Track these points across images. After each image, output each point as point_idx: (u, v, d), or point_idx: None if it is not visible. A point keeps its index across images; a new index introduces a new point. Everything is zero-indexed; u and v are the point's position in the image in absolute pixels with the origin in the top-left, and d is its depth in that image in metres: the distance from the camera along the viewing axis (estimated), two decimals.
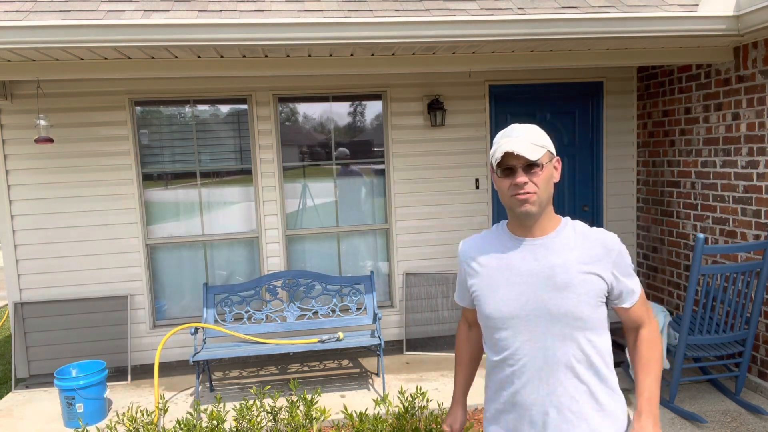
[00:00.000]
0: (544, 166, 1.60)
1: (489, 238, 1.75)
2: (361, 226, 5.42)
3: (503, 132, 1.65)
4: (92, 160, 4.94)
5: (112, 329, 5.04)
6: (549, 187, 1.61)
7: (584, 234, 1.66)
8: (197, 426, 2.96)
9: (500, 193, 1.65)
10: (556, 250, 1.63)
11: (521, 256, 1.65)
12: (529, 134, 1.59)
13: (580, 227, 1.69)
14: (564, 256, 1.61)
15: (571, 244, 1.63)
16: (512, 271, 1.65)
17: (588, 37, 3.94)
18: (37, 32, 3.51)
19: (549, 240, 1.65)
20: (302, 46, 3.80)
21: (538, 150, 1.58)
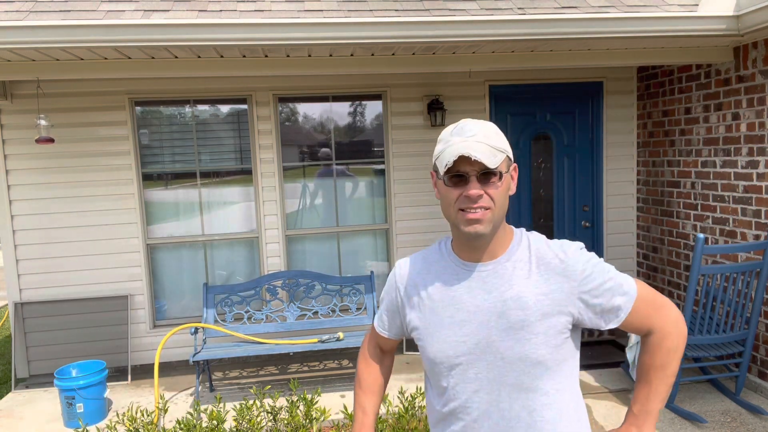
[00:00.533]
0: (503, 176, 1.30)
1: (432, 261, 1.44)
2: (361, 226, 5.42)
3: (452, 129, 1.33)
4: (92, 160, 4.94)
5: (112, 329, 5.04)
6: (505, 202, 1.32)
7: (540, 253, 1.35)
8: (197, 426, 2.96)
9: (444, 205, 1.33)
10: (507, 277, 1.33)
11: (468, 286, 1.35)
12: (487, 134, 1.30)
13: (536, 243, 1.37)
14: (518, 287, 1.32)
15: (525, 269, 1.34)
16: (458, 307, 1.35)
17: (588, 37, 3.94)
18: (37, 32, 3.50)
19: (499, 265, 1.35)
20: (302, 46, 3.80)
21: (498, 155, 1.28)
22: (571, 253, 1.34)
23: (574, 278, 1.31)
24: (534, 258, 1.35)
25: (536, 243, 1.37)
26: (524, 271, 1.34)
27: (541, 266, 1.33)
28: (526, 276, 1.33)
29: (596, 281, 1.32)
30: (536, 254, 1.35)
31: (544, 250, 1.35)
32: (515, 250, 1.37)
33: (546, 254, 1.35)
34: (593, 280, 1.32)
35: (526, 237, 1.40)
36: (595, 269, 1.33)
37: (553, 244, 1.36)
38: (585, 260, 1.33)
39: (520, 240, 1.39)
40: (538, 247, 1.36)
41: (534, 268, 1.33)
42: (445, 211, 1.35)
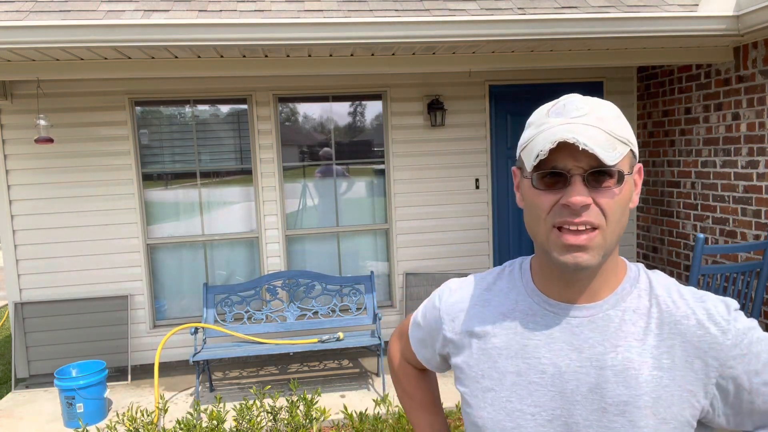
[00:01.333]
0: (625, 179, 0.87)
1: (499, 290, 1.02)
2: (361, 226, 5.42)
3: (550, 107, 0.91)
4: (92, 160, 4.94)
5: (112, 329, 5.04)
6: (624, 219, 0.89)
7: (668, 305, 0.91)
8: (197, 426, 2.96)
9: (530, 218, 0.91)
10: (612, 333, 0.90)
11: (550, 336, 0.93)
12: (602, 116, 0.86)
13: (663, 289, 0.93)
14: (625, 350, 0.89)
15: (640, 325, 0.90)
16: (530, 362, 0.93)
17: (588, 37, 3.94)
18: (37, 32, 3.50)
19: (601, 312, 0.92)
20: (302, 46, 3.80)
21: (618, 147, 0.85)
22: (719, 316, 0.88)
23: (717, 354, 0.87)
24: (656, 311, 0.91)
25: (663, 288, 0.93)
26: (638, 327, 0.90)
27: (667, 326, 0.89)
28: (641, 336, 0.90)
29: (752, 365, 0.86)
30: (661, 305, 0.91)
31: (676, 301, 0.91)
32: (628, 294, 0.93)
33: (677, 309, 0.90)
34: (748, 362, 0.86)
35: (646, 277, 0.95)
36: (754, 347, 0.87)
37: (689, 295, 0.92)
38: (741, 330, 0.87)
39: (637, 279, 0.94)
40: (666, 296, 0.92)
41: (654, 327, 0.90)
42: (530, 226, 0.91)
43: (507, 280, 1.03)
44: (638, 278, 0.95)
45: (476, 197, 5.46)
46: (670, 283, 0.94)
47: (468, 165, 5.41)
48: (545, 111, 0.91)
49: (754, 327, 0.89)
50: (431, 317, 1.09)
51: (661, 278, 0.95)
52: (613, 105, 0.90)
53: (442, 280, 5.47)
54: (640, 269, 0.96)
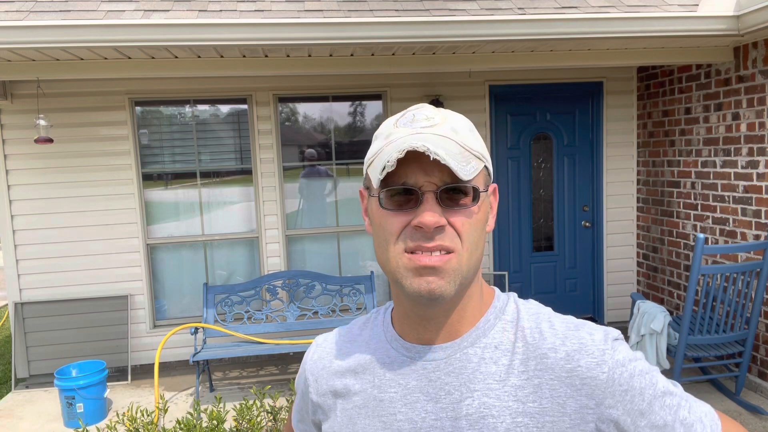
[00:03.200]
0: (480, 197, 0.77)
1: (362, 342, 0.90)
2: (361, 226, 5.42)
3: (397, 118, 0.81)
4: (92, 160, 4.94)
5: (112, 329, 5.04)
6: (481, 243, 0.78)
7: (534, 338, 0.79)
8: (197, 426, 2.96)
9: (379, 243, 0.79)
10: (468, 375, 0.78)
11: (406, 386, 0.81)
12: (455, 127, 0.78)
13: (530, 320, 0.81)
14: (482, 395, 0.77)
15: (502, 363, 0.78)
16: (386, 421, 0.81)
17: (588, 37, 3.94)
18: (37, 32, 3.50)
19: (460, 350, 0.80)
20: (302, 46, 3.80)
21: (472, 162, 0.75)
22: (594, 345, 0.76)
23: (591, 392, 0.74)
24: (522, 345, 0.78)
25: (531, 318, 0.81)
26: (500, 365, 0.78)
27: (533, 362, 0.77)
28: (502, 376, 0.77)
29: (636, 403, 0.74)
30: (527, 338, 0.79)
31: (544, 331, 0.79)
32: (491, 327, 0.81)
33: (544, 340, 0.78)
34: (630, 400, 0.74)
35: (515, 307, 0.83)
36: (636, 381, 0.74)
37: (561, 324, 0.79)
38: (619, 361, 0.75)
39: (503, 310, 0.82)
40: (533, 327, 0.79)
41: (518, 364, 0.77)
42: (379, 254, 0.79)
43: (371, 327, 0.90)
44: (505, 309, 0.82)
45: None
46: (542, 312, 0.82)
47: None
48: (393, 122, 0.81)
49: (638, 359, 0.76)
50: (301, 380, 0.95)
51: (533, 307, 0.83)
52: (464, 118, 0.82)
53: None
54: (510, 299, 0.84)
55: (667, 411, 0.74)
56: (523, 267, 5.70)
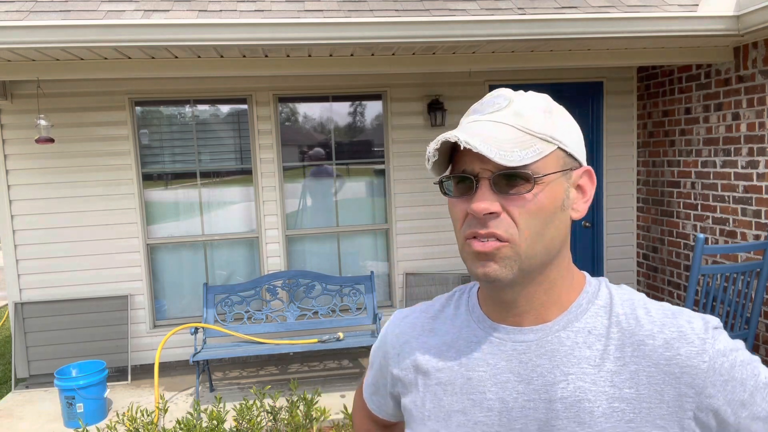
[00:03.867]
0: (545, 183, 0.75)
1: (444, 317, 0.91)
2: (361, 226, 5.42)
3: (476, 103, 0.84)
4: (92, 160, 4.94)
5: (112, 329, 5.04)
6: (549, 230, 0.76)
7: (631, 324, 0.78)
8: (197, 426, 2.96)
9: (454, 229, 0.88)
10: (561, 359, 0.78)
11: (495, 366, 0.81)
12: (521, 109, 0.78)
13: (625, 306, 0.80)
14: (578, 379, 0.77)
15: (596, 349, 0.77)
16: (475, 397, 0.81)
17: (588, 37, 3.94)
18: (37, 32, 3.50)
19: (551, 335, 0.80)
20: (302, 46, 3.80)
21: (535, 145, 0.75)
22: (694, 333, 0.75)
23: (691, 381, 0.73)
24: (617, 330, 0.78)
25: (626, 304, 0.80)
26: (595, 350, 0.77)
27: (629, 348, 0.76)
28: (597, 361, 0.77)
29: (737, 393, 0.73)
30: (622, 324, 0.78)
31: (640, 318, 0.78)
32: (583, 312, 0.80)
33: (641, 327, 0.77)
34: (731, 390, 0.72)
35: (608, 292, 0.82)
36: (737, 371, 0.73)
37: (658, 310, 0.78)
38: (720, 351, 0.74)
39: (596, 295, 0.82)
40: (628, 313, 0.79)
41: (614, 350, 0.77)
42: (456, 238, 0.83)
43: (454, 306, 0.91)
44: (597, 294, 0.81)
45: None
46: (636, 298, 0.80)
47: None
48: (469, 109, 0.84)
49: (738, 348, 0.74)
50: (379, 352, 0.97)
51: (626, 293, 0.82)
52: (545, 98, 0.80)
53: (442, 281, 5.47)
54: (601, 284, 0.83)
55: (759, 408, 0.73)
56: None
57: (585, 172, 0.80)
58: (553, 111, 0.79)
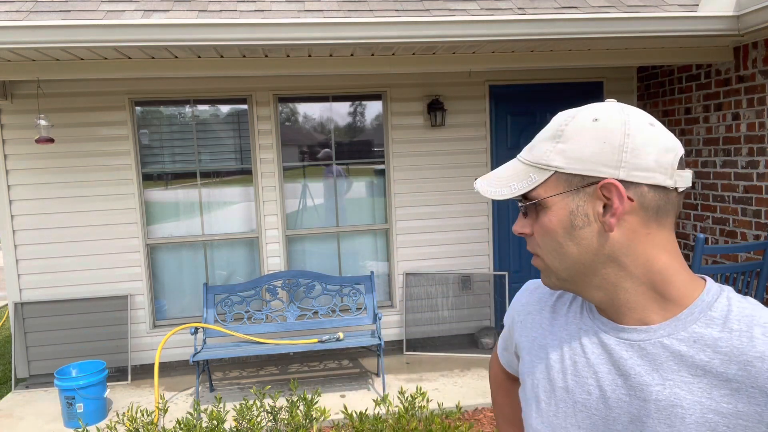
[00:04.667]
0: (546, 206, 0.83)
1: (565, 301, 0.96)
2: (361, 226, 5.42)
3: None
4: (92, 160, 4.94)
5: (112, 329, 5.04)
6: (565, 248, 0.83)
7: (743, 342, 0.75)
8: (197, 426, 2.96)
9: None
10: (663, 363, 0.79)
11: (600, 357, 0.85)
12: (534, 142, 0.87)
13: (742, 318, 0.77)
14: (675, 387, 0.78)
15: (702, 358, 0.77)
16: (578, 381, 0.87)
17: (588, 37, 3.94)
18: (37, 32, 3.50)
19: (656, 337, 0.80)
20: (302, 46, 3.80)
21: (532, 174, 0.83)
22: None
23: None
24: (726, 345, 0.76)
25: (743, 320, 0.77)
26: (698, 361, 0.78)
27: (735, 365, 0.75)
28: (698, 372, 0.77)
29: None
30: (734, 340, 0.76)
31: (755, 337, 0.75)
32: (693, 321, 0.79)
33: (753, 347, 0.75)
34: None
35: (726, 303, 0.80)
36: None
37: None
38: None
39: (711, 305, 0.80)
40: (743, 330, 0.76)
41: (718, 364, 0.76)
42: None
43: None
44: (713, 304, 0.79)
45: (476, 197, 5.46)
46: (757, 315, 0.76)
47: (468, 165, 5.41)
48: None
49: None
50: (509, 317, 1.08)
51: (748, 307, 0.78)
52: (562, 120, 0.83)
53: (442, 281, 5.47)
54: (722, 294, 0.80)
55: None
56: (523, 267, 5.70)
57: (607, 184, 0.78)
58: (563, 132, 0.82)
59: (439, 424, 2.97)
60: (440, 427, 2.95)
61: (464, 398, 4.35)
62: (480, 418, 4.13)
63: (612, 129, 0.78)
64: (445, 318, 5.52)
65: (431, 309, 5.49)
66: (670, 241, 0.82)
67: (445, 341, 5.54)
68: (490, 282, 5.57)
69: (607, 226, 0.80)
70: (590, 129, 0.80)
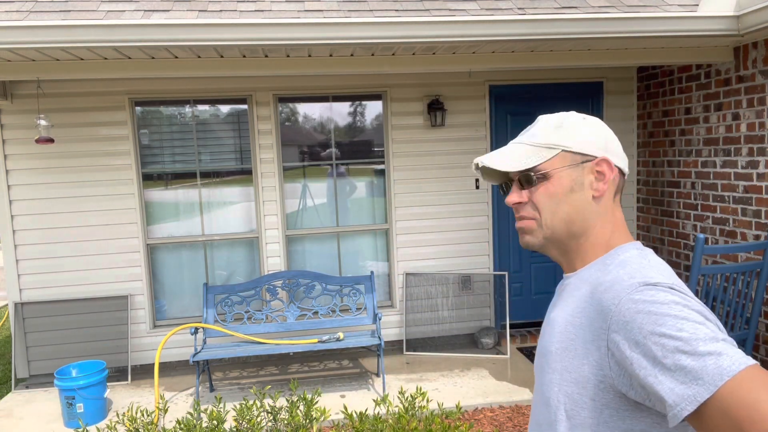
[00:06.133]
0: (551, 176, 1.04)
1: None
2: (361, 226, 5.42)
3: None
4: (92, 160, 4.94)
5: (112, 329, 5.04)
6: (563, 207, 1.05)
7: (604, 274, 1.00)
8: (197, 426, 2.96)
9: None
10: (564, 295, 1.09)
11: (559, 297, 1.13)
12: (536, 129, 1.09)
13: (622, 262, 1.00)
14: (561, 307, 1.07)
15: (583, 289, 1.03)
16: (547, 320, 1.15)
17: (588, 37, 3.94)
18: (37, 32, 3.50)
19: (573, 278, 1.09)
20: (302, 46, 3.80)
21: (543, 152, 1.05)
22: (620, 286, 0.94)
23: (606, 317, 0.93)
24: (596, 278, 1.02)
25: (618, 263, 1.01)
26: (580, 291, 1.04)
27: (592, 288, 1.01)
28: (575, 300, 1.04)
29: (634, 334, 0.87)
30: (599, 275, 1.02)
31: (612, 270, 1.00)
32: (594, 266, 1.05)
33: (606, 275, 1.00)
34: (629, 330, 0.88)
35: (617, 256, 1.03)
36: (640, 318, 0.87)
37: (623, 268, 0.99)
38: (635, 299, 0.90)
39: (614, 256, 1.04)
40: (612, 267, 1.01)
41: (585, 291, 1.02)
42: None
43: None
44: (611, 257, 1.04)
45: (476, 197, 5.46)
46: (631, 260, 1.00)
47: (468, 165, 5.41)
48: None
49: (660, 302, 0.87)
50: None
51: (631, 258, 1.01)
52: (564, 115, 1.09)
53: (442, 281, 5.47)
54: (625, 250, 1.05)
55: (658, 348, 0.84)
56: (522, 267, 5.70)
57: (601, 161, 1.06)
58: (563, 125, 1.08)
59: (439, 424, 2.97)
60: (440, 427, 2.95)
61: (464, 398, 4.35)
62: (480, 418, 4.13)
63: (597, 125, 1.08)
64: (445, 318, 5.52)
65: (431, 309, 5.49)
66: (620, 212, 1.10)
67: (445, 341, 5.54)
68: (490, 282, 5.56)
69: (597, 192, 1.06)
70: (583, 124, 1.08)
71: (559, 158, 1.06)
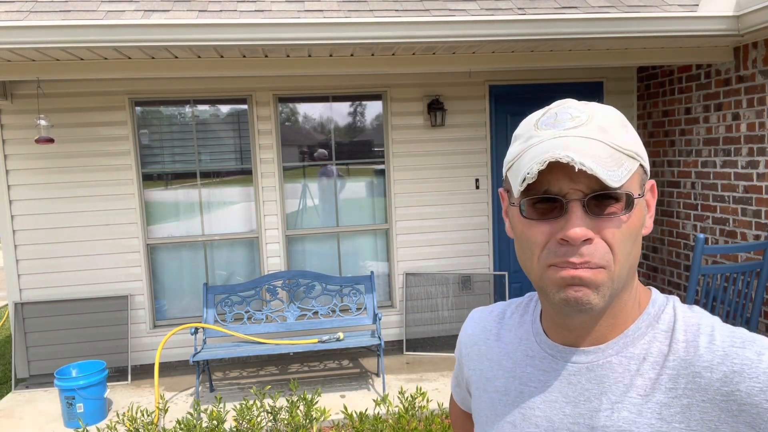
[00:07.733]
0: (635, 203, 0.71)
1: (510, 326, 0.90)
2: (361, 226, 5.42)
3: (539, 116, 0.76)
4: (92, 160, 4.94)
5: (112, 329, 5.04)
6: (636, 250, 0.72)
7: (690, 354, 0.71)
8: (197, 426, 2.96)
9: (522, 252, 0.75)
10: (611, 385, 0.74)
11: (546, 384, 0.80)
12: (603, 125, 0.71)
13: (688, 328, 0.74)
14: (623, 409, 0.72)
15: (648, 377, 0.72)
16: (525, 412, 0.80)
17: (588, 37, 3.94)
18: (37, 32, 3.50)
19: (604, 358, 0.75)
20: (302, 46, 3.80)
21: (625, 163, 0.69)
22: (759, 368, 0.66)
23: (752, 420, 0.65)
24: (673, 359, 0.71)
25: (689, 330, 0.73)
26: (646, 379, 0.72)
27: (683, 379, 0.70)
28: (647, 391, 0.72)
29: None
30: (680, 352, 0.71)
31: (701, 347, 0.71)
32: (641, 336, 0.75)
33: (700, 357, 0.70)
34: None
35: (672, 314, 0.76)
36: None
37: (725, 338, 0.70)
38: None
39: (658, 318, 0.76)
40: (689, 340, 0.72)
41: (666, 380, 0.71)
42: (522, 262, 0.76)
43: (520, 314, 0.89)
44: (660, 316, 0.75)
45: (476, 197, 5.46)
46: (703, 324, 0.72)
47: (468, 165, 5.42)
48: (534, 121, 0.75)
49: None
50: (457, 350, 0.99)
51: (693, 317, 0.74)
52: (616, 111, 0.74)
53: (442, 281, 5.47)
54: (668, 304, 0.76)
55: None
56: None
57: (652, 186, 0.76)
58: (627, 124, 0.74)
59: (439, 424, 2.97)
60: (440, 427, 2.95)
61: None
62: None
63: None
64: (445, 318, 5.52)
65: (431, 309, 5.49)
66: None
67: (445, 341, 5.54)
68: (490, 282, 5.57)
69: (647, 230, 0.74)
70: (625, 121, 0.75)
71: (636, 175, 0.72)
